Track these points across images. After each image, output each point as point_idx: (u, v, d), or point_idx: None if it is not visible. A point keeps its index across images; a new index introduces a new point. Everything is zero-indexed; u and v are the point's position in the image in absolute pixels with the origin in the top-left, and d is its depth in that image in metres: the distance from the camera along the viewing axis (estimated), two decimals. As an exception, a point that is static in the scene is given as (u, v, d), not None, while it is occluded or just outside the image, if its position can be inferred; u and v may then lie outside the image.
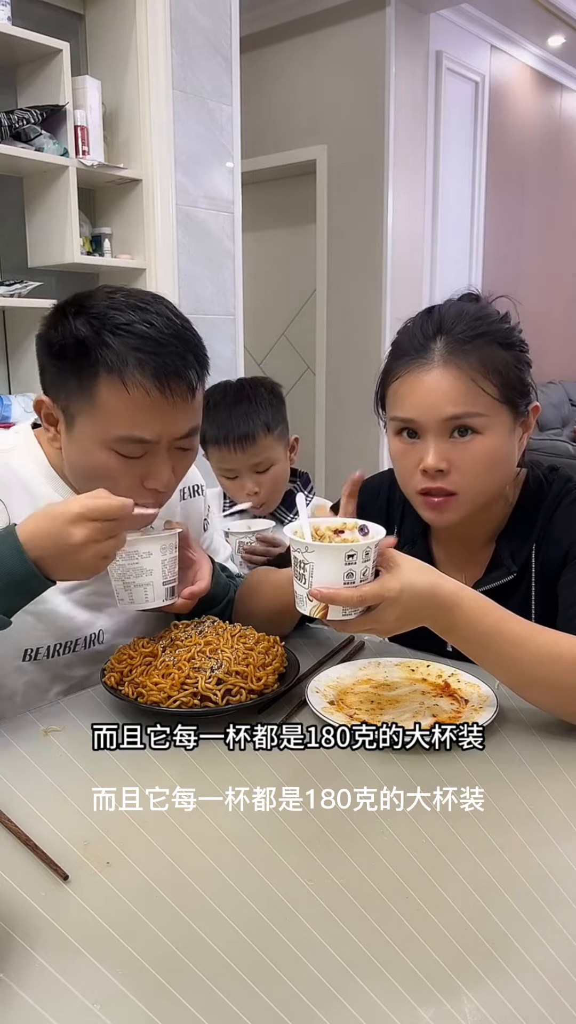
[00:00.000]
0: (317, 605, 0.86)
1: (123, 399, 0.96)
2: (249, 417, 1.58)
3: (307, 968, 0.59)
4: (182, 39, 2.95)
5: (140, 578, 1.01)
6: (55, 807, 0.79)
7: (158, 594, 1.02)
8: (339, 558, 0.85)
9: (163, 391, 0.97)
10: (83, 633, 1.12)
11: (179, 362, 0.98)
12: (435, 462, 1.04)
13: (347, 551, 0.85)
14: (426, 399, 1.04)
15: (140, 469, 1.01)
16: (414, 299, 4.56)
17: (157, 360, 0.96)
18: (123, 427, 0.97)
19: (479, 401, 1.03)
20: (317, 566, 0.85)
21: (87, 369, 0.96)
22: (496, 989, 0.58)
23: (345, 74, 4.31)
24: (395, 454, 1.11)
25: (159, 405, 0.97)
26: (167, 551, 1.02)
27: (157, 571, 1.01)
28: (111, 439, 0.98)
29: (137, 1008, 0.56)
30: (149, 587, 1.01)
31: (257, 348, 4.95)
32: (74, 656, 1.12)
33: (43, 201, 2.79)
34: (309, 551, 0.86)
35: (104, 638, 1.14)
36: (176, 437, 1.02)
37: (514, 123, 5.35)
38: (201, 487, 1.31)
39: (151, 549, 1.00)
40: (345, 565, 0.85)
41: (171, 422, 1.00)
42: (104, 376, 0.96)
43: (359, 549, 0.85)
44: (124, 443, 0.98)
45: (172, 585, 1.04)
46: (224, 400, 1.62)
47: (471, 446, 1.04)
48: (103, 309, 0.98)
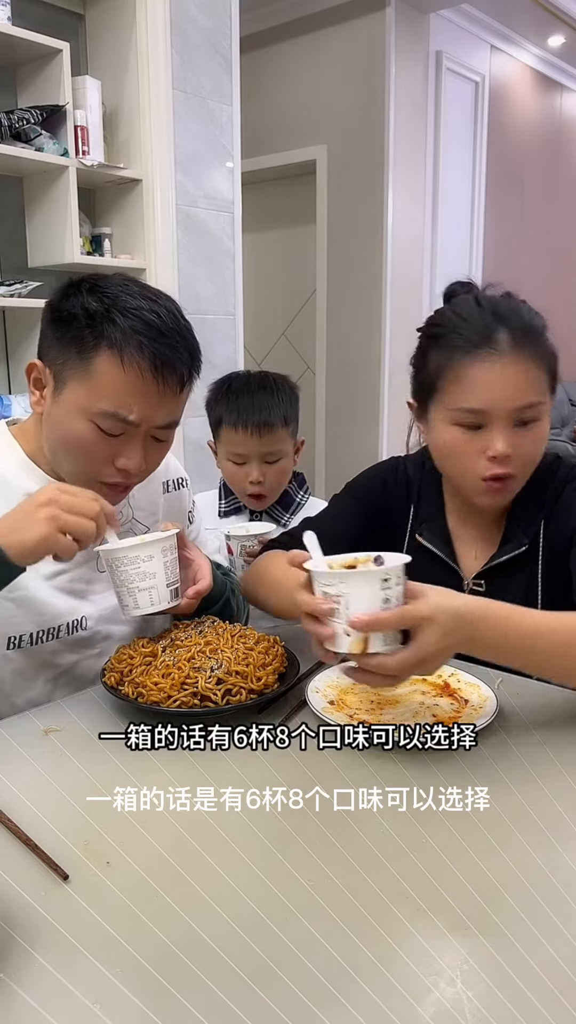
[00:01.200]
0: (357, 639, 0.82)
1: (117, 375, 1.00)
2: (270, 406, 1.59)
3: (307, 968, 0.59)
4: (182, 39, 2.95)
5: (144, 582, 1.01)
6: (55, 807, 0.79)
7: (163, 597, 1.02)
8: (375, 584, 0.81)
9: (156, 376, 1.00)
10: (65, 619, 1.12)
11: (175, 354, 1.02)
12: (505, 449, 1.08)
13: (382, 575, 0.81)
14: (500, 390, 1.07)
15: (114, 448, 1.04)
16: (414, 299, 4.56)
17: (157, 347, 1.00)
18: (111, 403, 1.00)
19: (541, 390, 1.10)
20: (353, 596, 0.81)
21: (90, 340, 1.00)
22: (496, 989, 0.58)
23: (345, 74, 4.31)
24: (452, 443, 1.13)
25: (149, 388, 1.01)
26: (168, 552, 1.02)
27: (160, 574, 1.01)
28: (95, 411, 1.01)
29: (137, 1008, 0.56)
30: (153, 590, 1.01)
31: (257, 348, 4.95)
32: (59, 643, 1.12)
33: (43, 201, 2.79)
34: (343, 582, 0.82)
35: (88, 624, 1.14)
36: (156, 425, 1.05)
37: (514, 123, 5.35)
38: (184, 480, 1.32)
39: (152, 552, 1.00)
40: (381, 591, 0.81)
41: (156, 409, 1.03)
42: (105, 350, 1.00)
43: (393, 573, 0.82)
44: (107, 418, 1.01)
45: (176, 586, 1.04)
46: (247, 387, 1.63)
47: (532, 432, 1.10)
48: (116, 291, 1.02)
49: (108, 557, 1.01)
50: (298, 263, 4.81)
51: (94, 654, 1.16)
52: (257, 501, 1.67)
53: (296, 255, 4.82)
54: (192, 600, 1.08)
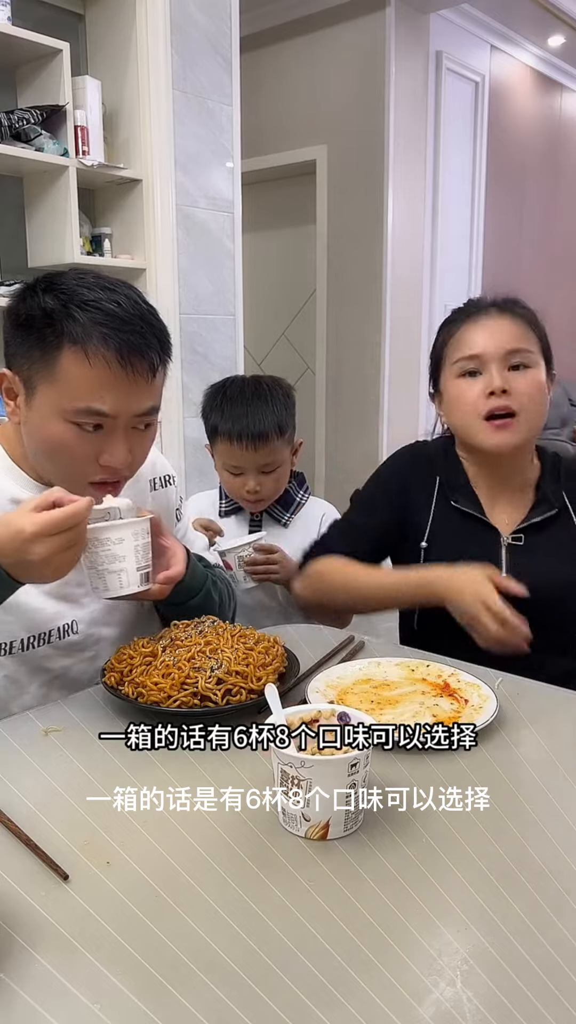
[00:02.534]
0: (315, 826, 0.75)
1: (84, 371, 0.98)
2: (264, 417, 1.56)
3: (307, 968, 0.59)
4: (182, 39, 2.95)
5: (113, 564, 0.99)
6: (55, 807, 0.79)
7: (132, 580, 1.01)
8: (342, 771, 0.74)
9: (124, 366, 0.99)
10: (55, 624, 1.11)
11: (142, 341, 1.00)
12: (501, 382, 1.26)
13: (350, 762, 0.74)
14: (490, 337, 1.29)
15: (96, 445, 1.02)
16: (414, 299, 4.55)
17: (121, 336, 0.98)
18: (82, 399, 0.99)
19: (530, 341, 1.30)
20: (316, 783, 0.74)
21: (51, 340, 0.98)
22: (496, 989, 0.58)
23: (345, 74, 4.31)
24: (456, 393, 1.32)
25: (119, 379, 0.99)
26: (139, 536, 1.01)
27: (130, 557, 1.00)
28: (70, 410, 0.99)
29: (137, 1008, 0.56)
30: (123, 573, 1.00)
31: (257, 348, 4.95)
32: (50, 648, 1.11)
33: (43, 201, 2.79)
34: (306, 766, 0.74)
35: (79, 628, 1.13)
36: (135, 414, 1.03)
37: (514, 123, 5.35)
38: (172, 477, 1.31)
39: (123, 535, 0.99)
40: (348, 777, 0.74)
41: (130, 397, 1.01)
42: (68, 347, 0.98)
43: (361, 756, 0.75)
44: (82, 415, 0.99)
45: (146, 571, 1.03)
46: (241, 395, 1.60)
47: (526, 375, 1.29)
48: (72, 286, 1.01)
49: None
50: (298, 263, 4.81)
51: (87, 657, 1.15)
52: (256, 504, 1.67)
53: (296, 255, 4.82)
54: (163, 586, 1.06)
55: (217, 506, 1.74)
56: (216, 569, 1.33)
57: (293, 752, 0.74)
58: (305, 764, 0.74)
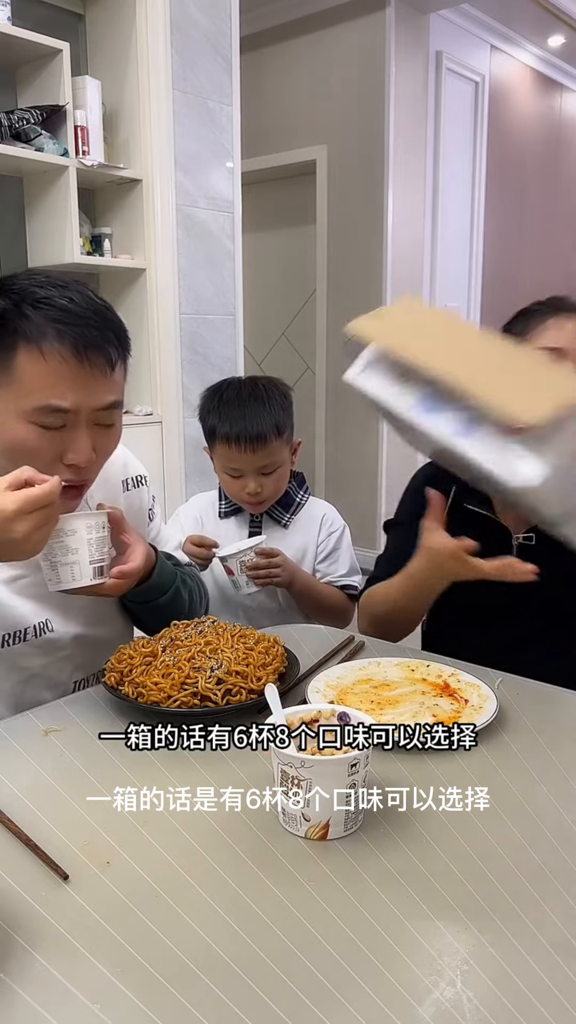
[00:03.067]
0: (315, 826, 0.76)
1: (40, 368, 0.97)
2: (262, 418, 1.55)
3: (307, 968, 0.59)
4: (182, 39, 2.95)
5: (66, 557, 0.99)
6: (55, 807, 0.79)
7: (84, 573, 1.00)
8: (342, 771, 0.74)
9: (81, 360, 0.98)
10: (29, 623, 1.11)
11: (97, 334, 0.99)
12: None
13: (350, 762, 0.75)
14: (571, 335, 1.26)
15: (59, 444, 1.01)
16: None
17: (75, 331, 0.97)
18: (41, 396, 0.97)
19: None
20: (316, 783, 0.74)
21: (5, 340, 0.97)
22: (496, 989, 0.58)
23: (345, 74, 4.31)
24: None
25: (76, 374, 0.98)
26: (93, 530, 1.00)
27: (83, 550, 0.99)
28: (30, 410, 0.98)
29: (137, 1008, 0.56)
30: (76, 566, 0.99)
31: (257, 348, 4.95)
32: (26, 646, 1.10)
33: (43, 201, 2.79)
34: (306, 766, 0.74)
35: (53, 626, 1.13)
36: (95, 408, 1.01)
37: (514, 123, 5.35)
38: (143, 477, 1.30)
39: (76, 527, 0.99)
40: (348, 777, 0.74)
41: (89, 392, 1.00)
42: (23, 346, 0.97)
43: (361, 756, 0.75)
44: (42, 413, 0.98)
45: (100, 565, 1.02)
46: (238, 397, 1.60)
47: None
48: (24, 285, 1.00)
49: None
50: (298, 263, 4.81)
51: (63, 656, 1.14)
52: (257, 506, 1.66)
53: (296, 255, 4.82)
54: (118, 581, 1.05)
55: (217, 507, 1.74)
56: (187, 568, 1.33)
57: (293, 752, 0.74)
58: (305, 764, 0.74)
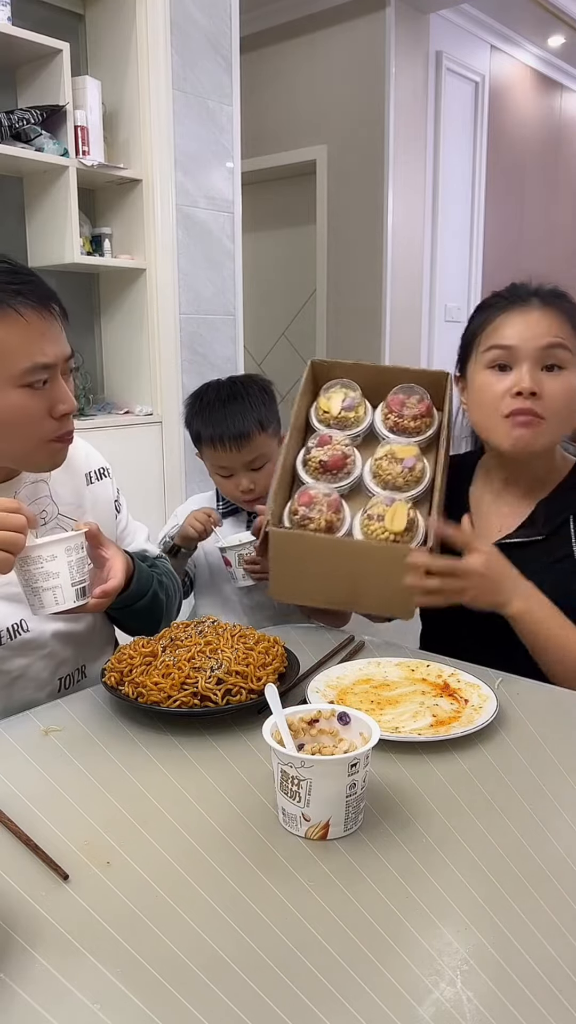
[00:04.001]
0: (315, 826, 0.75)
1: (21, 327, 1.00)
2: (243, 416, 1.57)
3: (307, 968, 0.59)
4: (182, 39, 2.95)
5: (47, 582, 0.99)
6: (55, 807, 0.79)
7: (67, 596, 1.00)
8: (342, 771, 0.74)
9: (44, 314, 1.02)
10: (3, 625, 1.10)
11: (46, 288, 1.05)
12: (531, 383, 1.17)
13: (350, 762, 0.74)
14: (528, 329, 1.19)
15: (46, 400, 1.04)
16: (414, 299, 4.56)
17: (31, 288, 1.02)
18: (26, 356, 1.00)
19: (570, 338, 1.20)
20: (316, 783, 0.74)
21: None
22: (496, 989, 0.58)
23: (345, 74, 4.31)
24: (482, 385, 1.23)
25: (47, 328, 1.02)
26: (72, 552, 1.00)
27: (64, 573, 0.99)
28: (18, 374, 1.01)
29: (137, 1008, 0.56)
30: (58, 590, 0.99)
31: (257, 348, 4.95)
32: (4, 649, 1.10)
33: (43, 201, 2.79)
34: (306, 766, 0.74)
35: (28, 626, 1.12)
36: (64, 358, 1.06)
37: (514, 123, 5.35)
38: (106, 469, 1.30)
39: (55, 552, 0.98)
40: (348, 777, 0.74)
41: (58, 343, 1.04)
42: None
43: (361, 756, 0.75)
44: (30, 374, 1.01)
45: (82, 586, 1.02)
46: (217, 399, 1.62)
47: (558, 378, 1.19)
48: None
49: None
50: (298, 263, 4.81)
51: (44, 654, 1.14)
52: (252, 502, 1.67)
53: (296, 255, 4.82)
54: (101, 600, 1.06)
55: (215, 508, 1.75)
56: (159, 562, 1.33)
57: (293, 752, 0.74)
58: (305, 764, 0.74)
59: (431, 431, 1.31)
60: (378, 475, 1.26)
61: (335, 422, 1.33)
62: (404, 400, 1.31)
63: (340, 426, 1.33)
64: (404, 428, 1.31)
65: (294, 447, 1.33)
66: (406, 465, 1.25)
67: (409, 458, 1.26)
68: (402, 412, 1.30)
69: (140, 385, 3.08)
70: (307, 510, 1.21)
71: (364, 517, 1.21)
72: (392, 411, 1.31)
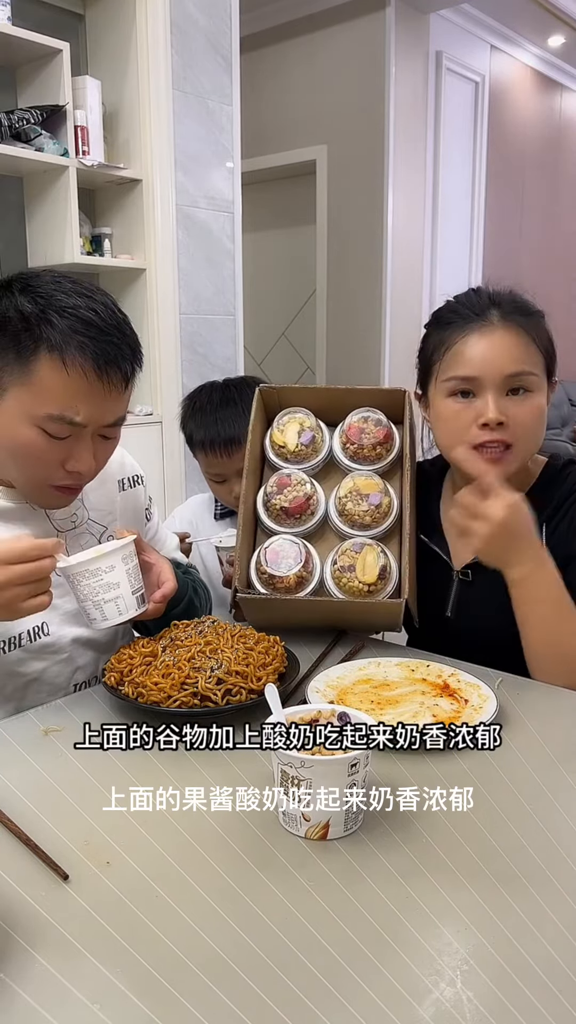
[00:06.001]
0: (315, 826, 0.75)
1: (62, 379, 0.97)
2: (235, 421, 1.56)
3: (307, 968, 0.59)
4: (182, 39, 2.95)
5: (109, 593, 0.99)
6: (55, 807, 0.79)
7: (129, 605, 1.00)
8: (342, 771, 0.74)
9: (101, 377, 0.98)
10: (24, 627, 1.10)
11: (118, 352, 1.00)
12: (496, 415, 1.11)
13: (350, 762, 0.74)
14: (489, 357, 1.13)
15: (63, 451, 1.01)
16: (414, 299, 4.56)
17: (98, 346, 0.97)
18: (56, 406, 0.97)
19: (534, 361, 1.14)
20: (316, 783, 0.74)
21: (28, 344, 0.97)
22: (496, 989, 0.58)
23: (345, 74, 4.31)
24: (447, 414, 1.17)
25: (95, 390, 0.98)
26: (129, 560, 1.00)
27: (124, 583, 0.99)
28: (41, 416, 0.98)
29: (137, 1008, 0.56)
30: (120, 600, 0.99)
31: (257, 348, 4.95)
32: (22, 652, 1.10)
33: (43, 201, 2.79)
34: (306, 766, 0.74)
35: (49, 629, 1.12)
36: (104, 424, 1.02)
37: (514, 123, 5.35)
38: (140, 477, 1.29)
39: (113, 562, 0.98)
40: (348, 777, 0.74)
41: (102, 408, 1.01)
42: (45, 354, 0.96)
43: (361, 756, 0.75)
44: (53, 422, 0.98)
45: (141, 592, 1.03)
46: (210, 403, 1.61)
47: (525, 402, 1.14)
48: (50, 290, 0.99)
49: (69, 573, 0.98)
50: (298, 263, 4.81)
51: (62, 659, 1.13)
52: None
53: (296, 255, 4.82)
54: (159, 604, 1.07)
55: (212, 509, 1.75)
56: (192, 571, 1.33)
57: (293, 752, 0.74)
58: (305, 764, 0.73)
59: (392, 455, 1.27)
60: (343, 514, 1.23)
61: (292, 456, 1.28)
62: (362, 428, 1.26)
63: (297, 460, 1.28)
64: (364, 457, 1.26)
65: (252, 487, 1.28)
66: (372, 503, 1.21)
67: (374, 494, 1.22)
68: (361, 441, 1.25)
69: (140, 385, 3.06)
70: (275, 567, 1.18)
71: (335, 569, 1.19)
72: (351, 441, 1.26)
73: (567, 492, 1.21)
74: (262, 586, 1.20)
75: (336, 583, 1.18)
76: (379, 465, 1.27)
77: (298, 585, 1.18)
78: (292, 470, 1.27)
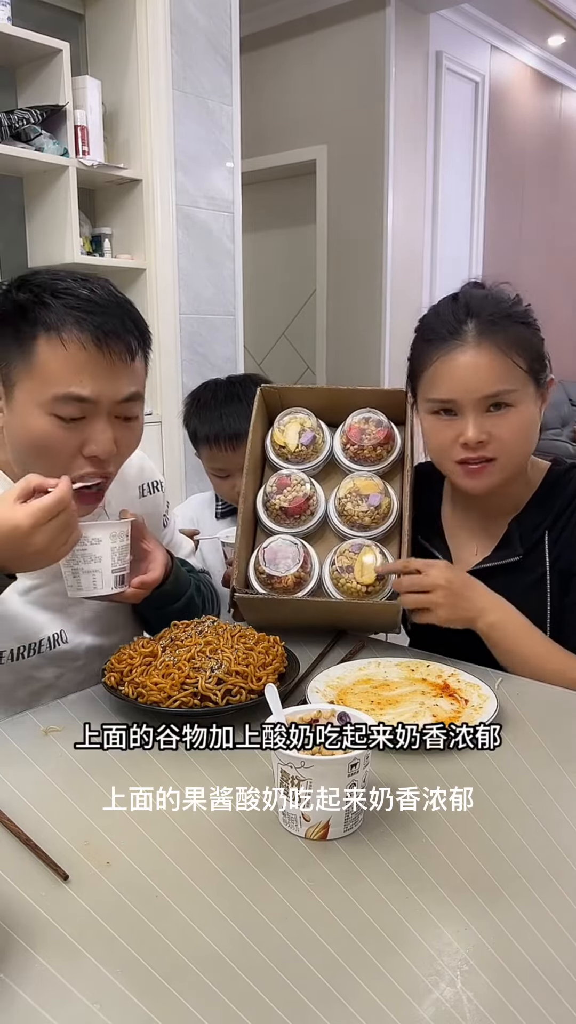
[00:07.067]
0: (315, 826, 0.75)
1: (60, 356, 0.96)
2: (239, 416, 1.56)
3: (307, 968, 0.59)
4: (182, 39, 2.95)
5: (88, 565, 0.99)
6: (55, 807, 0.79)
7: (106, 582, 1.01)
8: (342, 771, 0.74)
9: (101, 347, 0.96)
10: (45, 634, 1.11)
11: (118, 324, 0.98)
12: (476, 435, 1.11)
13: (350, 762, 0.74)
14: (464, 380, 1.11)
15: (80, 436, 0.99)
16: (414, 299, 4.56)
17: (96, 319, 0.97)
18: (61, 385, 0.96)
19: (512, 377, 1.11)
20: (316, 783, 0.73)
21: (26, 331, 0.96)
22: (496, 989, 0.58)
23: (345, 74, 4.31)
24: (430, 430, 1.18)
25: (96, 362, 0.96)
26: (117, 539, 1.01)
27: (106, 558, 1.00)
28: (49, 399, 0.96)
29: (137, 1008, 0.56)
30: (97, 574, 1.00)
31: (257, 348, 4.95)
32: (40, 658, 1.11)
33: (43, 201, 2.79)
34: (306, 766, 0.73)
35: (67, 637, 1.13)
36: (116, 400, 0.99)
37: (514, 123, 5.35)
38: (159, 483, 1.30)
39: (100, 536, 0.99)
40: (348, 777, 0.74)
41: (109, 381, 0.98)
42: (42, 335, 0.96)
43: (361, 756, 0.75)
44: (62, 403, 0.96)
45: (121, 574, 1.02)
46: (214, 399, 1.62)
47: (506, 418, 1.12)
48: (45, 280, 1.00)
49: None
50: (298, 263, 4.81)
51: (77, 666, 1.14)
52: None
53: (296, 255, 4.82)
54: (138, 590, 1.06)
55: (213, 508, 1.75)
56: (201, 574, 1.33)
57: (293, 752, 0.74)
58: (305, 764, 0.73)
59: (393, 456, 1.27)
60: (343, 514, 1.23)
61: (293, 456, 1.28)
62: (363, 428, 1.26)
63: (298, 460, 1.28)
64: (365, 458, 1.26)
65: (252, 487, 1.27)
66: (371, 503, 1.21)
67: (374, 495, 1.22)
68: (362, 442, 1.26)
69: (140, 385, 3.09)
70: (273, 568, 1.19)
71: (333, 569, 1.19)
72: (351, 442, 1.26)
73: (568, 500, 1.20)
74: (260, 586, 1.20)
75: (335, 584, 1.18)
76: (379, 466, 1.27)
77: (296, 585, 1.18)
78: (292, 470, 1.27)
